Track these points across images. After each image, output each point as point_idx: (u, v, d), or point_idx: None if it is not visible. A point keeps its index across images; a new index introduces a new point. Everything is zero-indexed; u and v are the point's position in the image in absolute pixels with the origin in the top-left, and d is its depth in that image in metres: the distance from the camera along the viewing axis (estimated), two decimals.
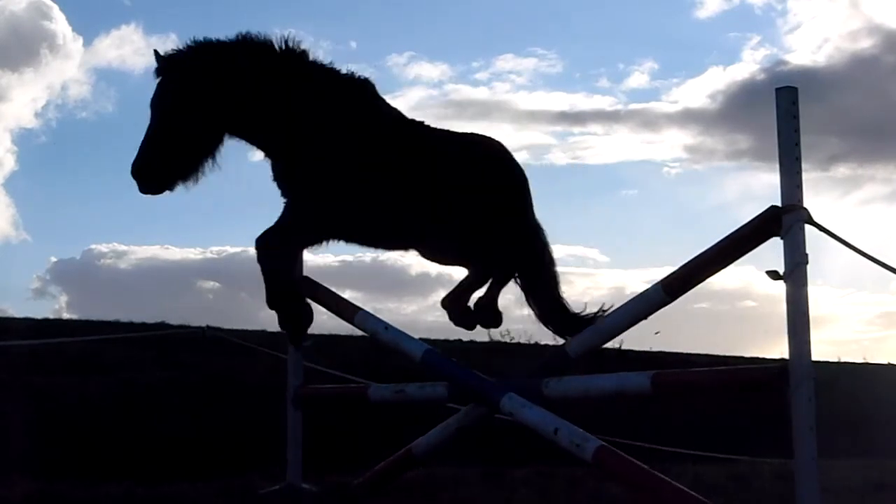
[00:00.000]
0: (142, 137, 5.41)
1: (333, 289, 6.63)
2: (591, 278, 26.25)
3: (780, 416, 4.33)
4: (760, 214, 4.40)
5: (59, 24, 24.15)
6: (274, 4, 26.42)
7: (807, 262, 4.24)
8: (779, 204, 4.34)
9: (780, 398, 4.25)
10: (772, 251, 4.42)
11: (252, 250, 5.58)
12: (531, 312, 6.23)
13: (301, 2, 27.19)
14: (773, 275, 4.26)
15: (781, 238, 4.29)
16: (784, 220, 4.28)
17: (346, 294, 6.76)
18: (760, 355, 15.53)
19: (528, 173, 6.33)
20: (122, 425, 9.35)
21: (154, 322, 14.09)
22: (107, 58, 25.31)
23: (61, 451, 8.47)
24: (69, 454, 8.41)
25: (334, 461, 7.57)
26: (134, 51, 25.49)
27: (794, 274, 4.22)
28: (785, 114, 4.37)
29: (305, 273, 6.71)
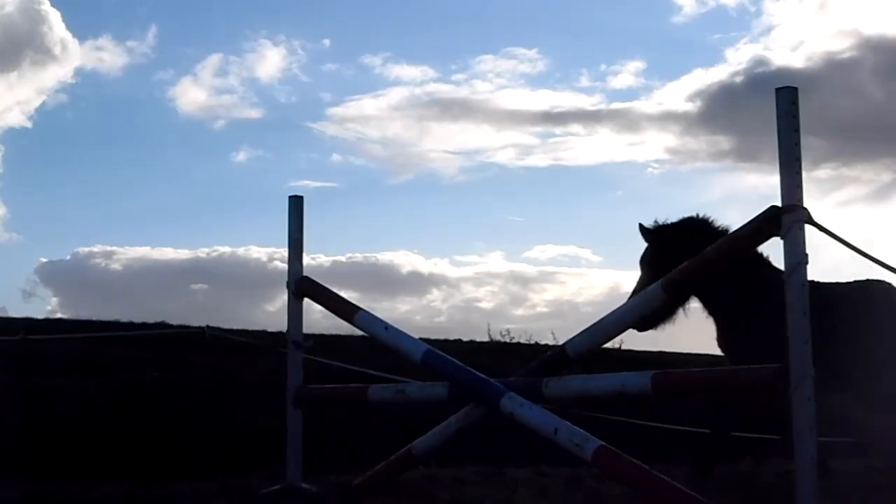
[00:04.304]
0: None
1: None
2: (583, 278, 26.28)
3: (780, 416, 4.33)
4: (760, 214, 4.41)
5: (51, 25, 24.17)
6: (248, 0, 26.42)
7: (807, 262, 4.24)
8: (771, 204, 4.35)
9: (780, 398, 4.25)
10: (772, 250, 4.43)
11: (241, 250, 5.61)
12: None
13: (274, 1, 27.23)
14: None
15: (781, 238, 4.29)
16: (784, 220, 4.28)
17: (340, 294, 6.75)
18: None
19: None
20: (122, 425, 9.35)
21: (154, 322, 14.09)
22: (96, 60, 25.32)
23: (61, 451, 8.46)
24: (69, 454, 8.41)
25: (334, 461, 7.56)
26: (124, 53, 25.52)
27: (794, 274, 4.22)
28: (785, 114, 4.37)
29: (306, 273, 6.72)
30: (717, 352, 6.87)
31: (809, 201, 4.30)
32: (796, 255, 4.24)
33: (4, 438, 8.32)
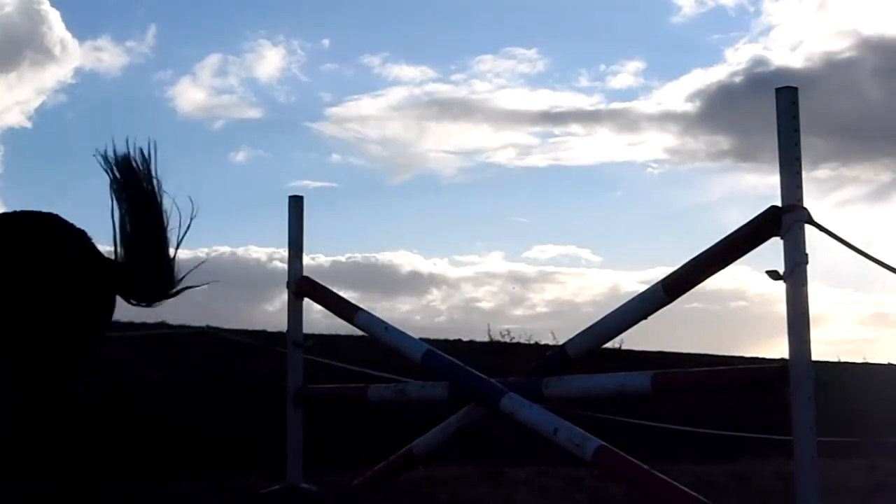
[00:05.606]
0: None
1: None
2: (583, 278, 26.24)
3: (781, 415, 4.33)
4: (760, 214, 4.40)
5: (50, 25, 24.09)
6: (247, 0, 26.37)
7: (807, 262, 4.24)
8: (771, 204, 4.35)
9: (780, 397, 4.26)
10: (771, 251, 4.43)
11: (241, 250, 5.57)
12: None
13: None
14: (773, 275, 4.26)
15: (781, 238, 4.29)
16: (784, 220, 4.28)
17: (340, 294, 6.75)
18: (760, 355, 15.49)
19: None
20: (122, 425, 9.33)
21: (154, 322, 14.05)
22: (96, 60, 25.28)
23: (61, 452, 8.44)
24: (69, 454, 8.39)
25: (334, 461, 7.56)
26: (123, 54, 25.50)
27: (794, 274, 4.22)
28: (785, 114, 4.37)
29: (306, 273, 6.72)
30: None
31: (809, 201, 4.30)
32: (796, 255, 4.24)
33: (4, 438, 8.31)
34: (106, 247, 5.35)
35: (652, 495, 4.66)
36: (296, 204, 6.76)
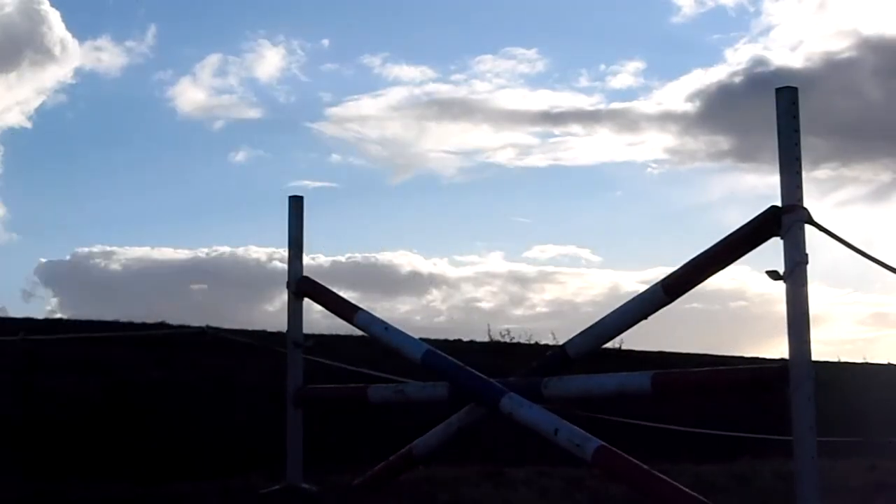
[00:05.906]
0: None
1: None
2: (583, 278, 26.31)
3: (781, 415, 4.33)
4: (760, 214, 4.41)
5: (50, 25, 24.13)
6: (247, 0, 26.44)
7: (807, 262, 4.24)
8: (771, 204, 4.35)
9: (780, 397, 4.26)
10: (771, 251, 4.43)
11: (241, 250, 5.60)
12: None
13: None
14: (773, 275, 4.26)
15: (781, 238, 4.30)
16: (784, 220, 4.28)
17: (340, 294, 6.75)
18: (760, 355, 15.50)
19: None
20: (122, 425, 9.35)
21: (154, 322, 14.06)
22: (95, 60, 25.31)
23: (61, 451, 8.46)
24: (69, 454, 8.41)
25: (334, 461, 7.56)
26: (123, 54, 25.56)
27: (794, 274, 4.22)
28: (785, 114, 4.37)
29: (305, 273, 6.72)
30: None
31: (809, 201, 4.30)
32: (796, 255, 4.24)
33: (4, 438, 8.32)
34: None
35: (652, 495, 4.66)
36: (296, 204, 6.76)
